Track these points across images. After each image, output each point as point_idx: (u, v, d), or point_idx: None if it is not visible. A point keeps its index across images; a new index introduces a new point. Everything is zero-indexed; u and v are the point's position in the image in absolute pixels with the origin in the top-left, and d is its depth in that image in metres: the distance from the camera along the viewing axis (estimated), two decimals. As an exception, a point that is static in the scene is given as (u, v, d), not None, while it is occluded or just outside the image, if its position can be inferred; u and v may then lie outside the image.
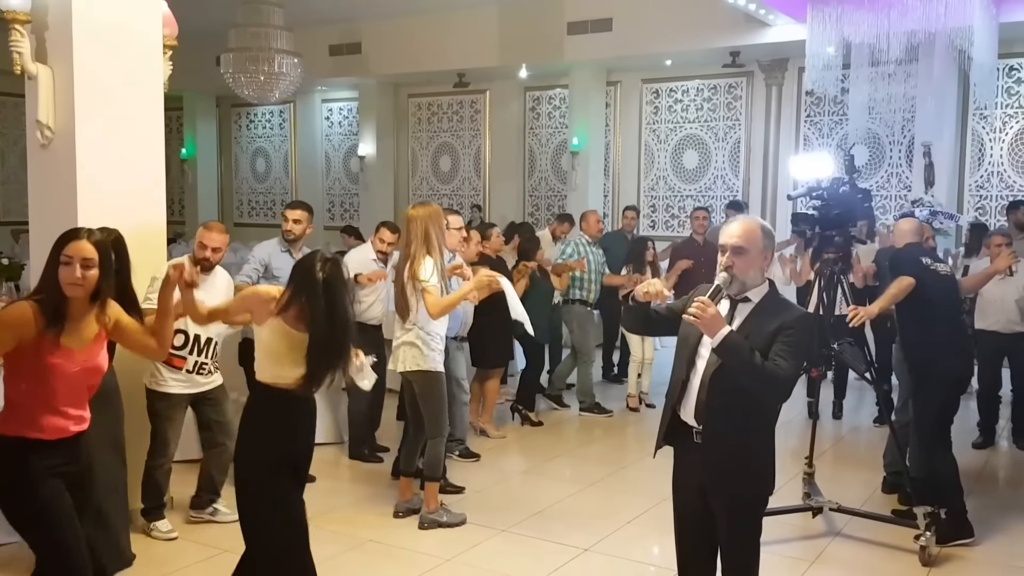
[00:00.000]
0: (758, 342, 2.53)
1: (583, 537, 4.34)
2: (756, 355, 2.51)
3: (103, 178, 4.19)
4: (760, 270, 2.62)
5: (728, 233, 2.62)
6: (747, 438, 2.63)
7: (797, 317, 2.59)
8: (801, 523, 4.52)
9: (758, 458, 2.67)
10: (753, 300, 2.63)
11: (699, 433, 2.65)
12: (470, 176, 12.69)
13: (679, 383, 2.69)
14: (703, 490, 2.69)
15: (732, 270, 2.57)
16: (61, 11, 4.10)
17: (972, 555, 4.20)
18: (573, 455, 5.90)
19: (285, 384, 2.90)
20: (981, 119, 9.20)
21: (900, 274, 4.42)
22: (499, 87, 12.10)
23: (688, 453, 2.72)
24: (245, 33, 8.98)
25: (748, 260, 2.58)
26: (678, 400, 2.69)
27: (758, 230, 2.61)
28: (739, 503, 2.66)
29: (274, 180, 14.62)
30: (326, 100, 13.91)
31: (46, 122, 4.15)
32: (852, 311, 4.36)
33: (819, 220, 4.49)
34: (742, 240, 2.58)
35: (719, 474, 2.63)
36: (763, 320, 2.58)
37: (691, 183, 10.95)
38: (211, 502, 4.43)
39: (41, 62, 4.14)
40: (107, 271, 2.71)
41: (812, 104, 10.04)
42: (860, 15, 6.83)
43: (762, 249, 2.60)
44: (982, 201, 9.23)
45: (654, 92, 11.10)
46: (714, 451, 2.62)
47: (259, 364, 2.98)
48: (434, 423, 4.43)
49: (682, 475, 2.78)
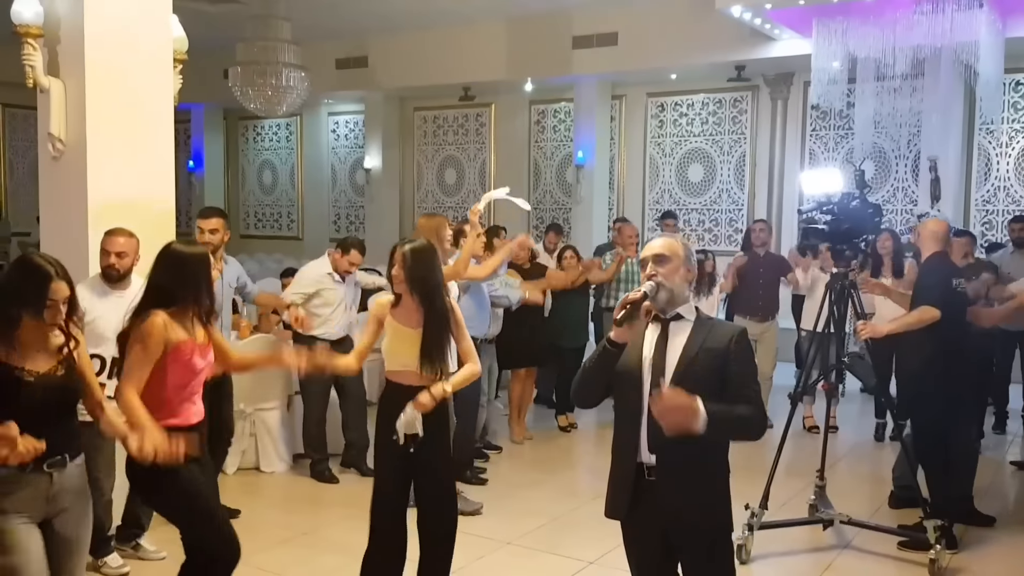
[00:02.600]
0: (711, 363, 2.48)
1: (590, 550, 4.32)
2: (733, 409, 2.43)
3: (113, 190, 4.23)
4: (684, 281, 2.59)
5: (648, 247, 2.65)
6: (708, 464, 2.53)
7: (740, 333, 2.54)
8: (809, 536, 4.50)
9: (722, 486, 2.58)
10: (687, 318, 2.58)
11: (653, 469, 2.50)
12: (475, 189, 12.72)
13: (635, 425, 2.52)
14: (663, 536, 2.55)
15: (657, 278, 2.54)
16: (73, 25, 4.15)
17: (982, 569, 4.18)
18: (582, 466, 5.89)
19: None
20: (987, 134, 9.20)
21: (927, 301, 4.29)
22: (505, 101, 12.15)
23: (642, 498, 2.53)
24: (253, 47, 9.04)
25: (671, 267, 2.56)
26: (637, 443, 2.52)
27: (678, 244, 2.63)
28: (711, 536, 2.55)
29: (281, 192, 14.68)
30: (333, 113, 13.98)
31: (57, 135, 4.19)
32: (860, 326, 4.35)
33: (829, 234, 4.49)
34: (663, 249, 2.59)
35: (686, 508, 2.48)
36: (707, 339, 2.52)
37: (696, 197, 10.97)
38: (135, 536, 4.23)
39: (53, 75, 4.19)
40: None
41: (817, 118, 10.05)
42: (866, 30, 6.85)
43: (684, 259, 2.59)
44: (988, 216, 9.22)
45: (659, 106, 11.13)
46: (678, 485, 2.47)
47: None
48: (461, 418, 4.46)
49: (639, 527, 2.60)
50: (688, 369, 2.49)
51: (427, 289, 3.32)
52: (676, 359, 2.52)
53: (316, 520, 4.83)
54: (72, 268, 4.10)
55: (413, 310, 3.33)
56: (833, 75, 7.26)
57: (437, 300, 3.34)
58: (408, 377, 3.32)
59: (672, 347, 2.54)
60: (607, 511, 2.66)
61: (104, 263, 3.90)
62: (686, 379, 2.45)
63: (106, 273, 3.90)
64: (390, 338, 3.37)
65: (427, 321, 3.31)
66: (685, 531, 2.54)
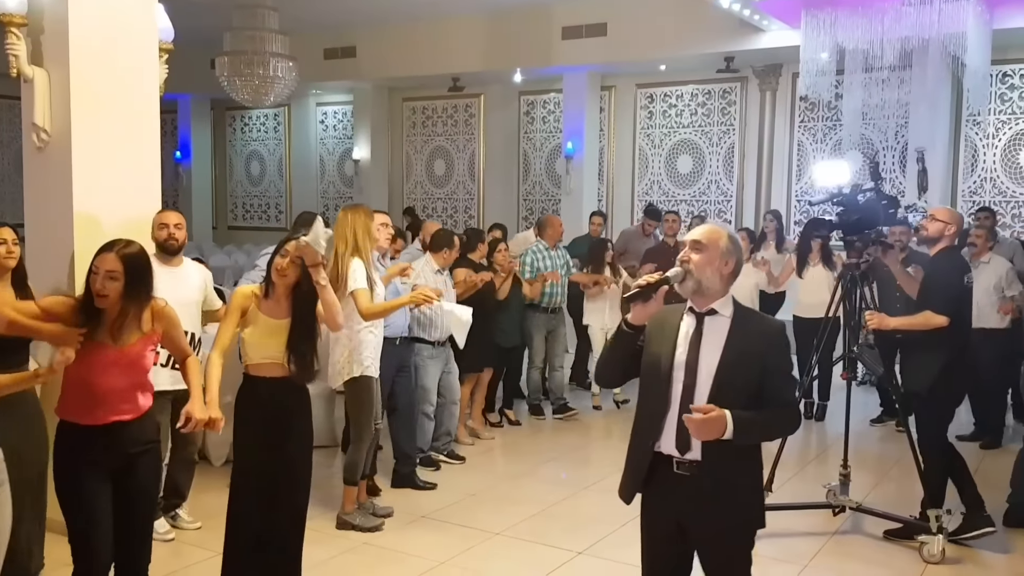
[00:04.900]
0: (747, 366, 2.42)
1: (578, 540, 4.34)
2: (763, 414, 2.39)
3: (99, 181, 4.19)
4: (719, 275, 2.46)
5: (691, 232, 2.57)
6: (742, 461, 2.46)
7: (778, 332, 2.48)
8: (812, 519, 4.55)
9: (754, 486, 2.53)
10: (723, 314, 2.47)
11: (681, 463, 2.44)
12: (464, 180, 12.70)
13: (657, 416, 2.47)
14: (682, 527, 2.48)
15: (687, 265, 2.45)
16: (57, 14, 4.10)
17: (971, 555, 4.23)
18: (567, 458, 5.90)
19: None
20: (974, 125, 9.25)
21: (934, 305, 4.15)
22: (494, 91, 12.11)
23: (663, 488, 2.49)
24: (240, 37, 8.96)
25: (706, 258, 2.44)
26: (658, 434, 2.48)
27: (724, 234, 2.52)
28: (733, 537, 2.49)
29: (269, 183, 14.61)
30: (321, 104, 13.92)
31: (42, 125, 4.15)
32: (869, 315, 4.35)
33: (840, 226, 4.50)
34: (703, 236, 2.49)
35: (712, 505, 2.42)
36: (745, 340, 2.45)
37: (685, 188, 10.98)
38: (174, 507, 4.34)
39: (37, 65, 4.14)
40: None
41: (806, 109, 10.08)
42: (854, 21, 6.87)
43: (723, 252, 2.46)
44: (975, 207, 9.28)
45: (648, 97, 11.13)
46: (706, 479, 2.41)
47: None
48: (356, 427, 4.47)
49: (656, 515, 2.54)
50: (723, 376, 2.41)
51: (310, 284, 3.33)
52: (711, 362, 2.43)
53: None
54: (57, 258, 4.13)
55: (283, 301, 3.33)
56: (821, 66, 7.27)
57: (312, 293, 3.36)
58: (272, 369, 3.30)
59: (706, 347, 2.45)
60: (620, 493, 2.65)
61: (162, 236, 4.11)
62: (721, 386, 2.40)
63: (165, 246, 4.10)
64: (255, 329, 3.32)
65: (296, 311, 3.31)
66: (712, 524, 2.46)
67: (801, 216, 9.95)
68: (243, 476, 3.34)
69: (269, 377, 3.31)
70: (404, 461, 5.11)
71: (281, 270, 3.30)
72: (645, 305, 2.45)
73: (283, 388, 3.32)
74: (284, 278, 3.31)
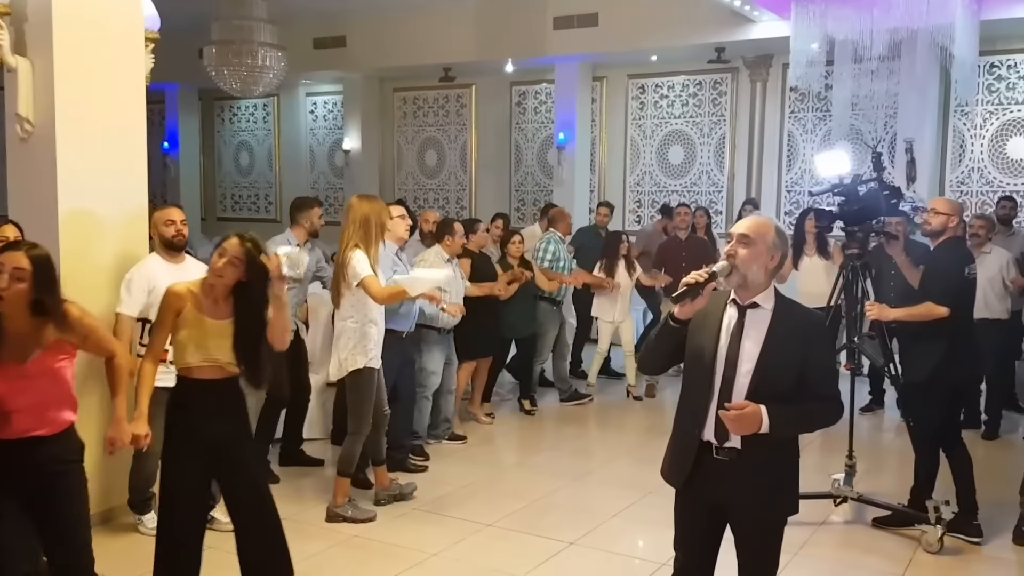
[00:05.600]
0: (788, 360, 2.46)
1: (569, 531, 4.35)
2: (801, 408, 2.45)
3: (84, 172, 4.15)
4: (764, 269, 2.49)
5: (738, 224, 2.57)
6: (780, 450, 2.53)
7: (819, 325, 2.56)
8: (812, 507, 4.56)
9: (790, 474, 2.59)
10: (764, 307, 2.51)
11: (721, 450, 2.51)
12: (456, 171, 12.66)
13: (701, 406, 2.53)
14: (719, 509, 2.57)
15: (734, 259, 2.46)
16: (41, 3, 4.05)
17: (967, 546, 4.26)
18: (560, 449, 5.92)
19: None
20: (962, 116, 9.27)
21: (935, 296, 4.15)
22: (485, 82, 12.06)
23: (703, 470, 2.55)
24: (228, 26, 8.86)
25: (753, 252, 2.47)
26: (702, 424, 2.53)
27: (771, 227, 2.53)
28: (767, 522, 2.57)
29: (258, 174, 14.52)
30: (310, 94, 13.82)
31: (26, 115, 4.10)
32: (870, 305, 4.35)
33: (840, 216, 4.49)
34: (750, 230, 2.49)
35: (750, 491, 2.50)
36: (786, 333, 2.48)
37: (677, 178, 10.98)
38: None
39: (20, 54, 4.10)
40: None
41: (796, 100, 10.07)
42: (844, 12, 6.86)
43: (770, 246, 2.48)
44: (963, 197, 9.29)
45: (640, 87, 11.10)
46: (745, 467, 2.48)
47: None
48: (354, 419, 4.46)
49: (691, 498, 2.62)
50: (763, 369, 2.45)
51: (262, 284, 3.10)
52: (751, 355, 2.47)
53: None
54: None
55: (222, 302, 3.13)
56: (811, 57, 7.26)
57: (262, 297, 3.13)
58: (211, 371, 3.09)
59: (747, 339, 2.49)
60: (666, 477, 2.69)
61: (170, 233, 4.09)
62: (762, 379, 2.45)
63: (172, 243, 4.08)
64: (193, 331, 3.09)
65: (240, 312, 3.10)
66: (749, 511, 2.53)
67: (791, 206, 9.97)
68: (174, 482, 3.11)
69: (207, 379, 3.09)
70: (397, 448, 5.17)
71: (217, 270, 3.08)
72: (693, 302, 2.46)
73: (220, 389, 3.11)
74: (220, 278, 3.08)
